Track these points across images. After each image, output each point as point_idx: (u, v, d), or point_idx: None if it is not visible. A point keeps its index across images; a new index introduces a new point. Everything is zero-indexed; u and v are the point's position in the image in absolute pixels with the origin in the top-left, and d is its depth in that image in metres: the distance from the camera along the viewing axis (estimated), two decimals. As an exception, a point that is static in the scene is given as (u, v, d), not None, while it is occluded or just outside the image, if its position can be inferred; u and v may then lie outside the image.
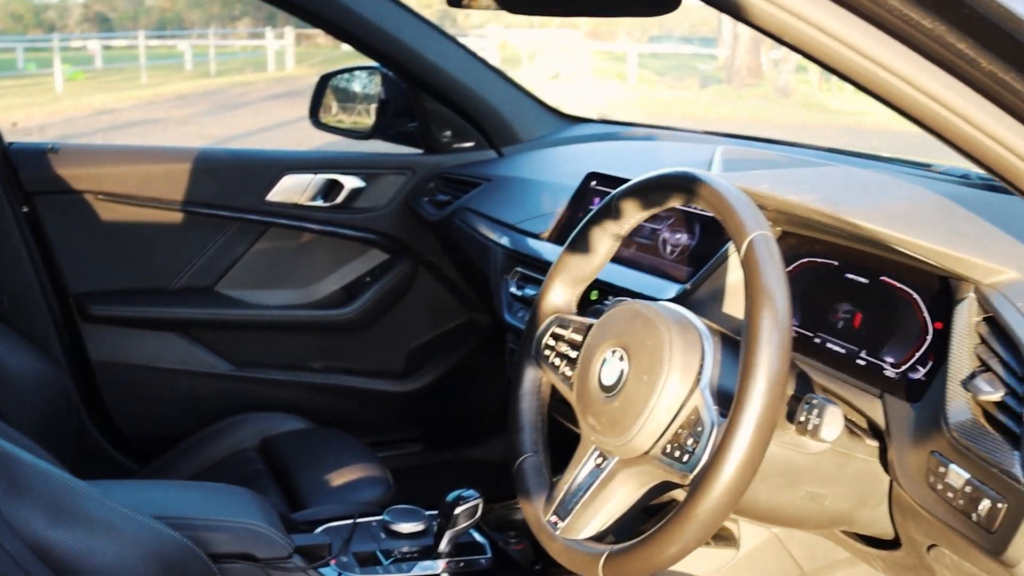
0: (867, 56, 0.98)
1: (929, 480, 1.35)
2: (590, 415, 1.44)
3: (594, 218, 1.56)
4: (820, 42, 0.98)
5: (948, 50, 0.94)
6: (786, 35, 0.96)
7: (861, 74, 1.01)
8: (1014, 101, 0.97)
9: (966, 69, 0.96)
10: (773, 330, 1.23)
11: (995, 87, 0.97)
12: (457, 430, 3.05)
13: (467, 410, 3.04)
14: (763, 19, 0.98)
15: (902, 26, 0.94)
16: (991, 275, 1.38)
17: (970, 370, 1.34)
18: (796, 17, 0.96)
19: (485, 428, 3.05)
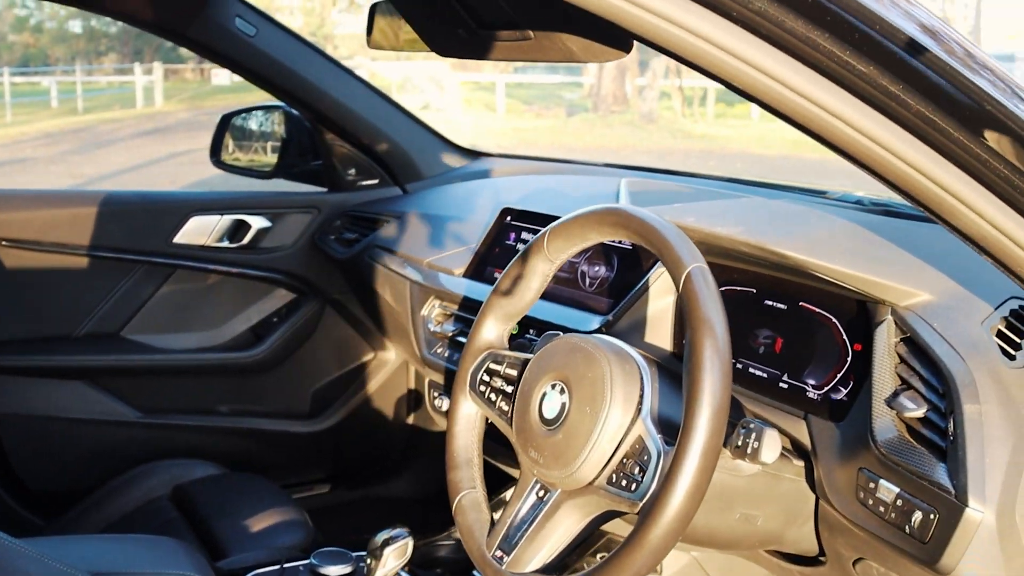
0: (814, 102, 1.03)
1: (859, 496, 1.42)
2: (532, 448, 1.46)
3: (526, 254, 1.59)
4: (771, 88, 1.02)
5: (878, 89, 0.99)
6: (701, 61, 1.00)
7: (804, 117, 1.05)
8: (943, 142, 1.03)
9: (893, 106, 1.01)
10: (715, 359, 1.26)
11: (923, 126, 1.02)
12: (366, 468, 3.05)
13: (374, 448, 3.04)
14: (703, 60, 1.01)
15: (840, 71, 0.98)
16: (906, 298, 1.45)
17: (892, 389, 1.41)
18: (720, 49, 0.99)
19: (393, 465, 3.05)
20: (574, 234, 1.53)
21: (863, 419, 1.45)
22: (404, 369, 2.98)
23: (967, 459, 1.28)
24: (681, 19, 0.93)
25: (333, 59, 2.63)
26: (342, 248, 2.68)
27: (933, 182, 1.06)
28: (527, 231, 2.14)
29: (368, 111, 2.69)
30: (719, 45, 0.95)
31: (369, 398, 2.96)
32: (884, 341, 1.45)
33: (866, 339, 1.52)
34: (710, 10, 0.93)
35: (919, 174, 1.06)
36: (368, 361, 2.96)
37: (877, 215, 1.99)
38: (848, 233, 1.61)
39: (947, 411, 1.34)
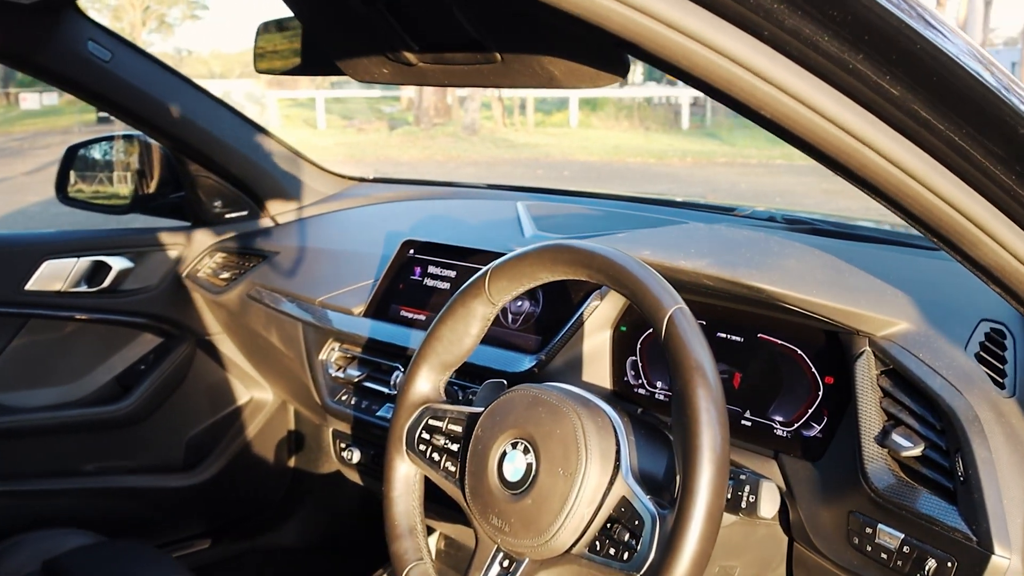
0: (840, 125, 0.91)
1: (853, 541, 1.33)
2: (493, 515, 1.32)
3: (464, 296, 1.44)
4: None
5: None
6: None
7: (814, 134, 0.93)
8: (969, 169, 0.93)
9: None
10: (712, 409, 1.15)
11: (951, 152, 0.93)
12: (249, 518, 2.84)
13: (256, 496, 2.83)
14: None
15: (869, 94, 0.87)
16: (884, 327, 1.37)
17: (880, 425, 1.33)
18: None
19: (277, 513, 2.85)
20: (522, 273, 1.38)
21: (847, 458, 1.36)
22: (284, 410, 2.79)
23: (985, 502, 1.20)
24: (709, 38, 0.80)
25: (194, 83, 2.41)
26: (215, 287, 2.48)
27: (958, 211, 0.96)
28: (434, 264, 1.99)
29: (233, 138, 2.49)
30: (751, 69, 0.83)
31: (248, 443, 2.75)
32: (865, 374, 1.36)
33: (839, 372, 1.43)
34: (743, 30, 0.80)
35: (944, 203, 0.96)
36: (244, 404, 2.75)
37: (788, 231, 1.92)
38: (815, 261, 1.51)
39: (949, 449, 1.26)
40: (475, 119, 19.61)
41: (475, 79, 1.14)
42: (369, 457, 1.99)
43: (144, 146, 2.55)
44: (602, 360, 1.70)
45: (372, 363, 1.97)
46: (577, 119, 22.58)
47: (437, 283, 1.96)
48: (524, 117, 21.83)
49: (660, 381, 1.63)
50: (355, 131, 20.70)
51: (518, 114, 22.16)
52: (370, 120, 22.23)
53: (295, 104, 24.49)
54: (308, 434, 2.80)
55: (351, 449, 2.02)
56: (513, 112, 22.28)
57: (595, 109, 24.11)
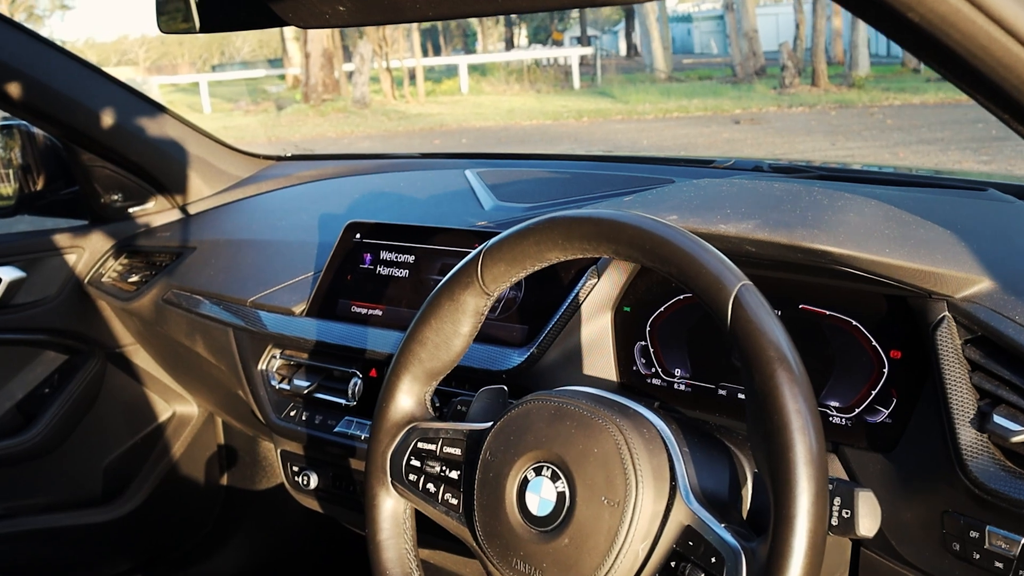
0: None
1: (952, 547, 1.11)
2: (517, 560, 1.06)
3: (451, 287, 1.16)
4: None
5: None
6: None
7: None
8: None
9: None
10: (804, 409, 0.91)
11: None
12: (180, 547, 2.52)
13: (188, 522, 2.52)
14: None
15: None
16: (964, 287, 1.13)
17: (974, 405, 1.08)
18: None
19: (210, 539, 2.55)
20: (524, 255, 1.11)
21: (932, 446, 1.13)
22: (211, 423, 2.48)
23: None
24: None
25: (82, 60, 2.08)
26: (124, 293, 2.15)
27: None
28: (387, 249, 1.70)
29: (128, 120, 2.16)
30: None
31: (174, 464, 2.44)
32: (948, 344, 1.12)
33: (907, 344, 1.19)
34: None
35: None
36: (167, 421, 2.43)
37: (779, 178, 1.67)
38: (876, 214, 1.26)
39: None
40: (365, 92, 19.16)
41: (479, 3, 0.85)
42: (329, 481, 1.70)
43: (26, 136, 2.20)
44: (604, 348, 1.44)
45: (323, 370, 1.67)
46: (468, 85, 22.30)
47: (393, 271, 1.67)
48: (414, 88, 21.45)
49: (679, 368, 1.38)
50: (242, 113, 20.11)
51: (408, 85, 21.77)
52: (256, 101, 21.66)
53: (176, 89, 23.78)
54: (240, 448, 2.49)
55: (306, 473, 1.72)
56: (403, 83, 21.89)
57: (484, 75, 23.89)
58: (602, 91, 20.70)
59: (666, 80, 21.79)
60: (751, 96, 17.66)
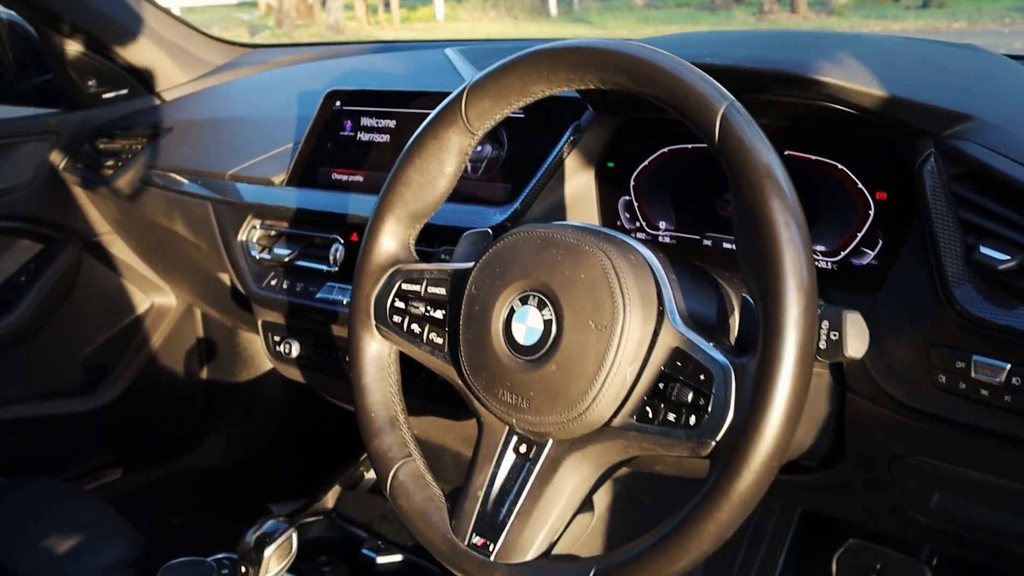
0: None
1: (939, 380, 1.10)
2: (503, 391, 1.05)
3: (435, 126, 1.15)
4: None
5: None
6: None
7: None
8: None
9: None
10: (791, 222, 0.91)
11: None
12: (161, 440, 2.53)
13: (168, 414, 2.52)
14: None
15: None
16: (951, 124, 1.12)
17: (961, 239, 1.08)
18: None
19: (192, 432, 2.55)
20: (509, 89, 1.09)
21: (918, 284, 1.14)
22: (190, 316, 2.47)
23: None
24: None
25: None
26: (99, 177, 2.13)
27: None
28: (367, 115, 1.68)
29: (105, 3, 2.12)
30: None
31: (153, 356, 2.43)
32: (935, 180, 1.12)
33: (893, 185, 1.19)
34: None
35: None
36: (145, 312, 2.42)
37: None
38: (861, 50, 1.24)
39: None
40: (339, 19, 18.95)
41: None
42: (311, 348, 1.69)
43: (-2, 22, 2.17)
44: (588, 204, 1.43)
45: (304, 238, 1.66)
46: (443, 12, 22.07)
47: (374, 136, 1.66)
48: (389, 14, 21.20)
49: (663, 221, 1.37)
50: (215, 41, 19.83)
51: (383, 12, 21.52)
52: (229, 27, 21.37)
53: (148, 18, 23.39)
54: (220, 340, 2.49)
55: (288, 342, 1.71)
56: (377, 10, 21.63)
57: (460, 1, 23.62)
58: (579, 17, 20.51)
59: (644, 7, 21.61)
60: (729, 23, 17.54)
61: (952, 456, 1.21)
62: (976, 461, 1.19)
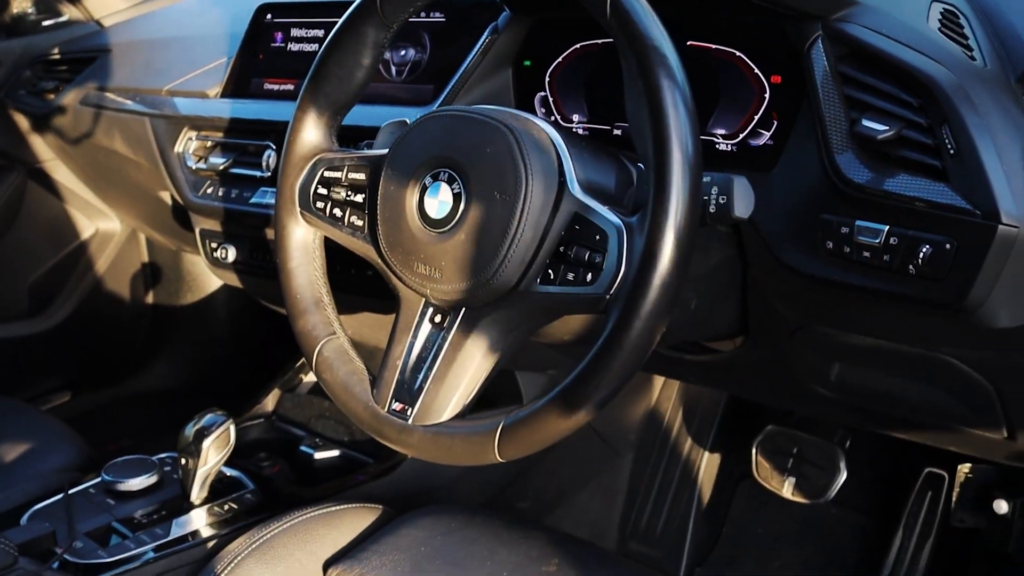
0: None
1: (827, 246, 1.18)
2: (418, 263, 1.12)
3: (351, 20, 1.21)
4: None
5: None
6: None
7: None
8: None
9: None
10: (676, 93, 0.98)
11: None
12: (109, 363, 2.58)
13: (114, 338, 2.57)
14: None
15: None
16: (837, 8, 1.20)
17: (846, 115, 1.16)
18: None
19: (140, 354, 2.60)
20: None
21: (809, 160, 1.21)
22: (134, 241, 2.51)
23: (985, 170, 1.07)
24: None
25: None
26: (39, 102, 2.17)
27: None
28: (297, 27, 1.73)
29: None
30: None
31: (98, 281, 2.48)
32: (822, 62, 1.19)
33: (786, 69, 1.26)
34: None
35: None
36: (90, 238, 2.47)
37: None
38: None
39: (932, 124, 1.12)
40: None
41: None
42: (247, 253, 1.75)
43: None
44: (507, 100, 1.50)
45: (238, 146, 1.72)
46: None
47: (303, 46, 1.71)
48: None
49: (576, 114, 1.44)
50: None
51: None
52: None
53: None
54: (165, 264, 2.54)
55: (224, 247, 1.77)
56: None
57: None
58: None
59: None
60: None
61: (845, 322, 1.29)
62: (866, 325, 1.27)
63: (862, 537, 1.94)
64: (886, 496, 1.89)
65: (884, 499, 1.89)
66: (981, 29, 1.22)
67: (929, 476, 1.78)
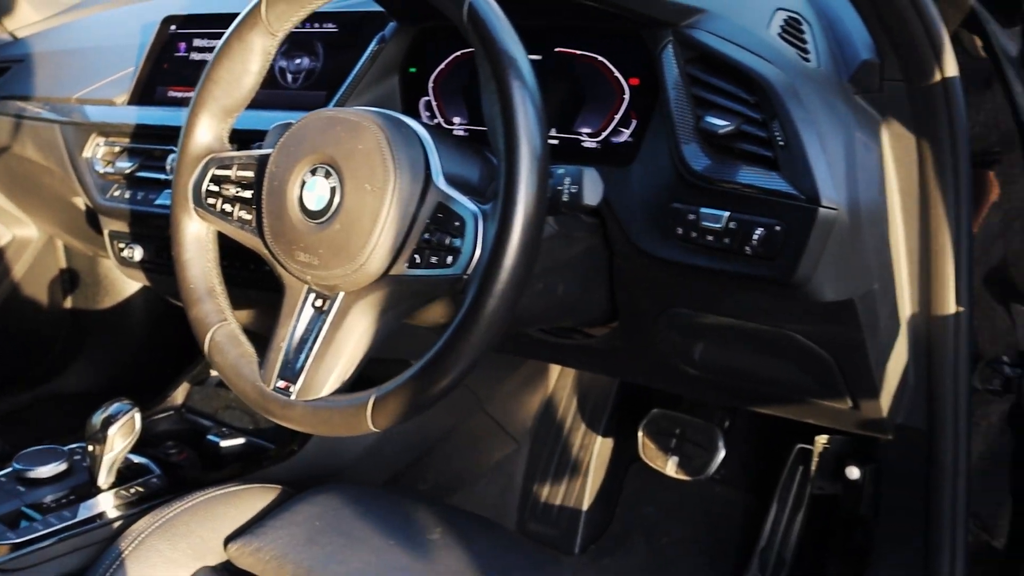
0: None
1: (677, 232, 1.30)
2: (299, 251, 1.21)
3: (239, 29, 1.31)
4: None
5: None
6: None
7: None
8: None
9: None
10: (526, 96, 1.08)
11: None
12: (26, 369, 2.63)
13: (31, 343, 2.63)
14: None
15: None
16: (686, 16, 1.33)
17: (692, 112, 1.29)
18: None
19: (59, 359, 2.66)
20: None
21: (662, 154, 1.33)
22: (51, 247, 2.57)
23: (808, 159, 1.20)
24: None
25: None
26: (-50, 111, 2.23)
27: None
28: (199, 37, 1.83)
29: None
30: None
31: (16, 286, 2.53)
32: (672, 64, 1.32)
33: (644, 72, 1.38)
34: None
35: None
36: (6, 245, 2.52)
37: None
38: None
39: (766, 119, 1.24)
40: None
41: None
42: (153, 252, 1.84)
43: None
44: (393, 105, 1.60)
45: (143, 151, 1.81)
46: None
47: (205, 55, 1.81)
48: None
49: (457, 117, 1.55)
50: None
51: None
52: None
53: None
54: (82, 270, 2.60)
55: (131, 247, 1.86)
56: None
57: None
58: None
59: None
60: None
61: (700, 303, 1.40)
62: (718, 306, 1.39)
63: (742, 510, 2.07)
64: (764, 472, 2.02)
65: (762, 475, 2.03)
66: (822, 34, 1.35)
67: (800, 452, 1.91)
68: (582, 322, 1.56)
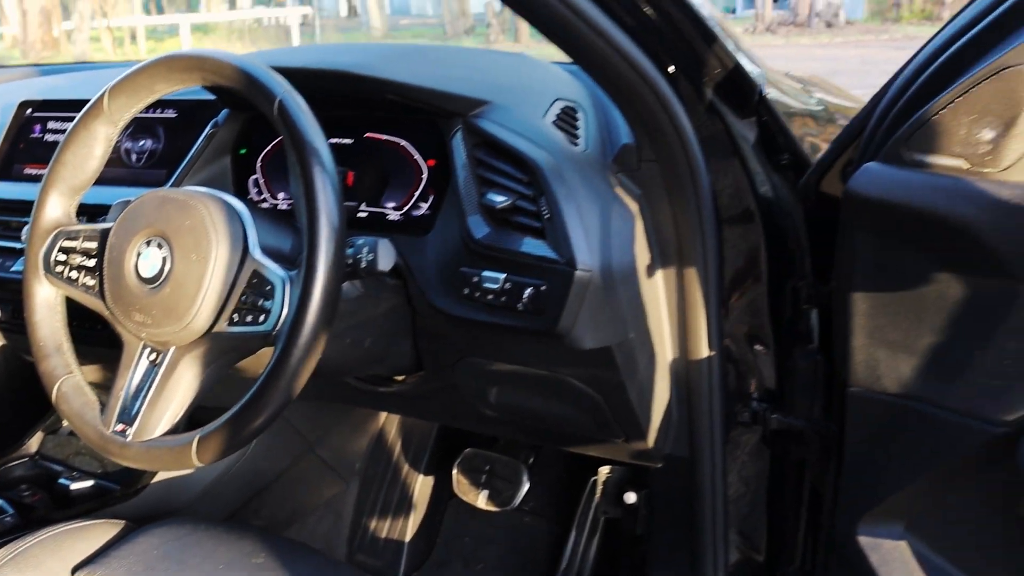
0: None
1: (464, 292, 1.51)
2: (135, 312, 1.40)
3: (85, 119, 1.51)
4: None
5: None
6: None
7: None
8: None
9: None
10: (325, 179, 1.29)
11: None
12: None
13: None
14: None
15: None
16: (474, 106, 1.56)
17: (477, 190, 1.52)
18: None
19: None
20: (140, 87, 1.47)
21: (453, 225, 1.54)
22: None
23: (568, 231, 1.42)
24: None
25: None
26: None
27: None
28: (55, 119, 2.03)
29: None
30: None
31: None
32: (461, 149, 1.55)
33: (440, 155, 1.61)
34: None
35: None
36: None
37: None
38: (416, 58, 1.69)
39: (535, 195, 1.47)
40: (85, 51, 18.64)
41: None
42: (9, 314, 2.01)
43: None
44: (225, 183, 1.80)
45: (1, 223, 1.99)
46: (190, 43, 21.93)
47: (58, 136, 2.00)
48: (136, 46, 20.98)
49: (282, 192, 1.76)
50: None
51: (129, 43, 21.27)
52: (-29, 59, 20.69)
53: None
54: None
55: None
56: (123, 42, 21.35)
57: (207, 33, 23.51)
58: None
59: (382, 37, 22.12)
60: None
61: (489, 352, 1.62)
62: (503, 354, 1.61)
63: (547, 537, 2.32)
64: (565, 501, 2.27)
65: (563, 504, 2.28)
66: (594, 121, 1.60)
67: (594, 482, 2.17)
68: (391, 371, 1.76)
